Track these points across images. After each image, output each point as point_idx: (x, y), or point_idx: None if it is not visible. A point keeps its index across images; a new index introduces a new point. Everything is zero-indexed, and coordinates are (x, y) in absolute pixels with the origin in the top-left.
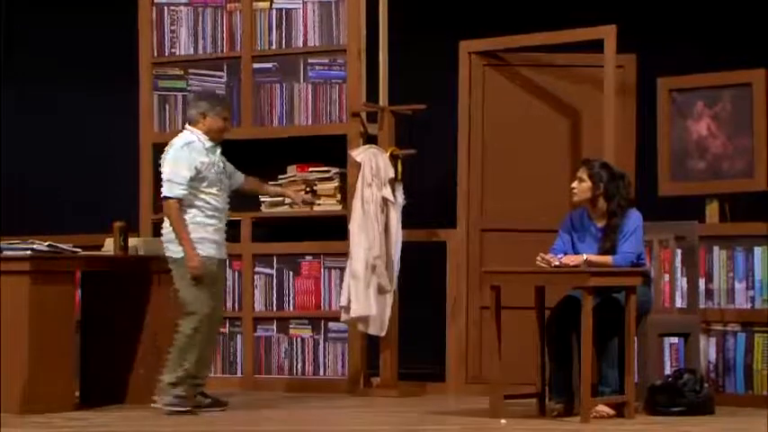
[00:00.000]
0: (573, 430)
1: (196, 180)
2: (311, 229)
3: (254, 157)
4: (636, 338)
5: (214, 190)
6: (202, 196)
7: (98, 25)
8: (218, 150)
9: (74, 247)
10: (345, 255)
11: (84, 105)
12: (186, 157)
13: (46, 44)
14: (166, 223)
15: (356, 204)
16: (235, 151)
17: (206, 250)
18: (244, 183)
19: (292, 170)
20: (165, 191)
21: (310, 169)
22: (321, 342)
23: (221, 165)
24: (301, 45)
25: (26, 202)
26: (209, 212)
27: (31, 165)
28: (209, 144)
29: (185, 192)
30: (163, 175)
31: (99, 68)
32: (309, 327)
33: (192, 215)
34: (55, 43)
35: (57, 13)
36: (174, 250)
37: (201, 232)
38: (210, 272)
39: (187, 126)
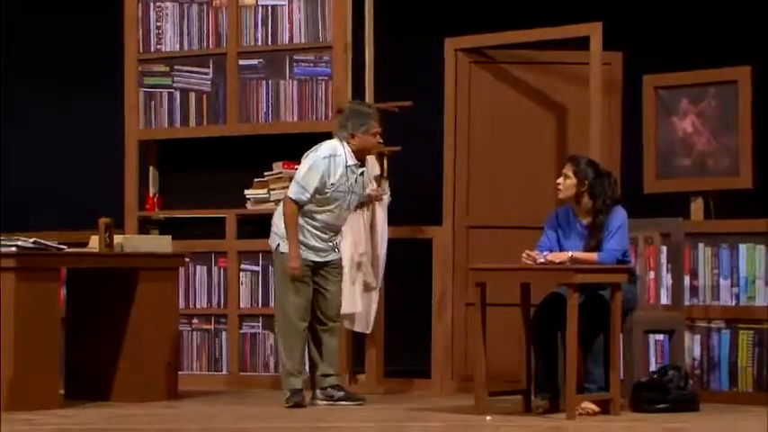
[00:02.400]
0: (558, 427)
1: (321, 192)
2: None
3: (240, 153)
4: (621, 335)
5: (332, 206)
6: (317, 207)
7: (83, 21)
8: (361, 170)
9: (59, 243)
10: None
11: (70, 102)
12: (323, 168)
13: (30, 40)
14: (275, 218)
15: None
16: (221, 148)
17: (302, 254)
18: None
19: (278, 167)
20: (291, 190)
21: (296, 166)
22: None
23: (356, 186)
24: (287, 42)
25: (11, 198)
26: (317, 224)
27: (16, 161)
28: (352, 161)
29: (307, 200)
30: (296, 173)
31: (84, 64)
32: None
33: (301, 222)
34: (39, 39)
35: (41, 9)
36: (275, 244)
37: (301, 238)
38: (301, 272)
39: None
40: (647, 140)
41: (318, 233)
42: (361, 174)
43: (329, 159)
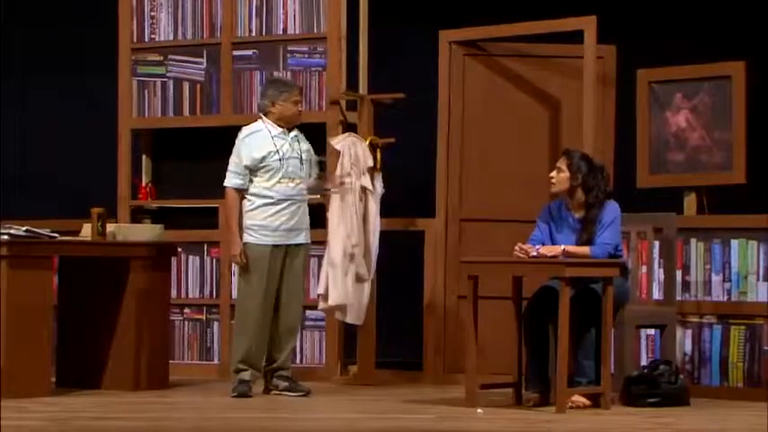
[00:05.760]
0: (548, 420)
1: (256, 169)
2: None
3: (233, 143)
4: (612, 329)
5: (276, 178)
6: (262, 184)
7: (78, 10)
8: (292, 135)
9: (51, 232)
10: (324, 243)
11: (63, 90)
12: (246, 147)
13: (25, 29)
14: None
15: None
16: (214, 138)
17: (256, 237)
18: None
19: None
20: (225, 180)
21: None
22: (299, 330)
23: (293, 150)
24: (281, 32)
25: (3, 186)
26: (266, 200)
27: (10, 150)
28: (277, 131)
29: (241, 181)
30: None
31: (78, 54)
32: None
33: (249, 202)
34: (34, 28)
35: None
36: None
37: (255, 219)
38: (257, 259)
39: (260, 114)
40: (640, 135)
41: (279, 208)
42: (295, 138)
43: (249, 137)
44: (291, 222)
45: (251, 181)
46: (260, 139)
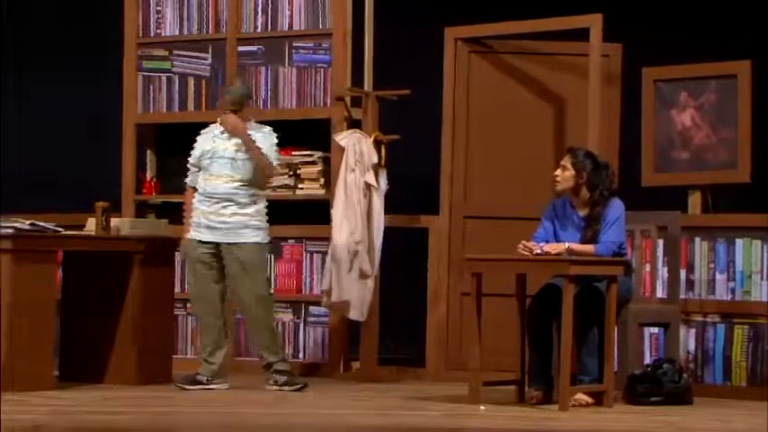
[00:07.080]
0: (551, 418)
1: (199, 165)
2: (293, 212)
3: None
4: (616, 328)
5: (206, 175)
6: (199, 180)
7: (81, 6)
8: (227, 135)
9: (56, 226)
10: (327, 239)
11: (68, 85)
12: (196, 143)
13: (29, 23)
14: None
15: (339, 189)
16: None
17: (189, 232)
18: None
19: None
20: None
21: (294, 153)
22: (302, 326)
23: (226, 150)
24: (287, 28)
25: (9, 180)
26: (199, 196)
27: (14, 144)
28: (219, 131)
29: (190, 177)
30: None
31: (83, 48)
32: (290, 310)
33: (195, 198)
34: (38, 22)
35: None
36: None
37: (193, 215)
38: (191, 253)
39: None
40: (645, 133)
41: (206, 204)
42: (225, 135)
43: (199, 136)
44: (218, 220)
45: (199, 177)
46: (203, 139)
